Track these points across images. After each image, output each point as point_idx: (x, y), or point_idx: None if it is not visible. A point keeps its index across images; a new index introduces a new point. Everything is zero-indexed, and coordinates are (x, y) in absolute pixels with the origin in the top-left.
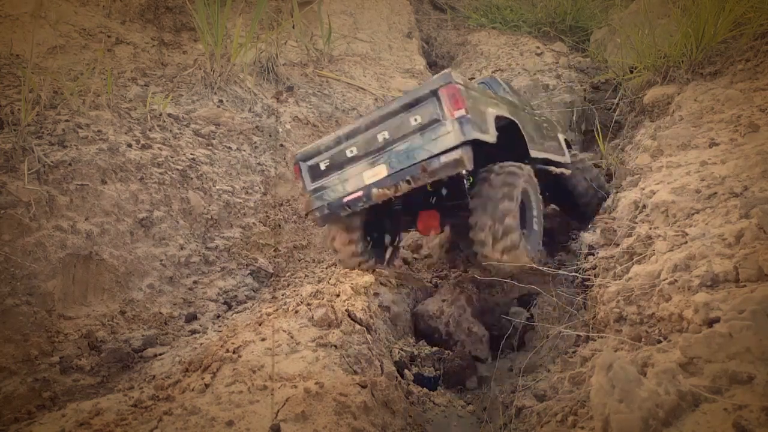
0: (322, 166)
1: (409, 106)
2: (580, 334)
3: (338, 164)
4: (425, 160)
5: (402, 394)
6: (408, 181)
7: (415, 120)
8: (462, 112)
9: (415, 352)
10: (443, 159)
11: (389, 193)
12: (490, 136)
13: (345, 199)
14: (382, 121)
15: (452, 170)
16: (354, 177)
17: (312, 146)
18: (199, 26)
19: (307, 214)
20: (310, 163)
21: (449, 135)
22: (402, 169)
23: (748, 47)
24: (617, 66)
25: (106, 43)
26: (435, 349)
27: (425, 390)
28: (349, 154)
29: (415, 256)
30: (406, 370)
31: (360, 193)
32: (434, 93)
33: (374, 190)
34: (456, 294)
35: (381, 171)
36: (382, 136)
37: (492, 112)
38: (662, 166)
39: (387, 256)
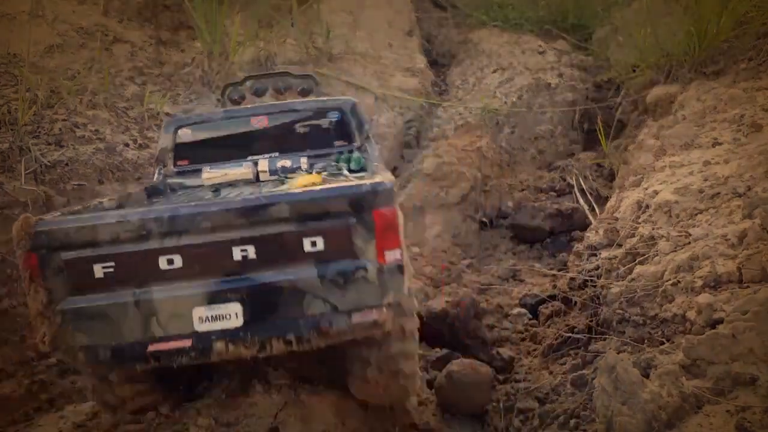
0: (98, 271)
1: (306, 217)
2: (583, 336)
3: (134, 276)
4: (322, 314)
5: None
6: (288, 342)
7: (312, 244)
8: (398, 254)
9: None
10: (356, 318)
11: (247, 353)
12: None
13: (152, 347)
14: (247, 225)
15: (367, 334)
16: (172, 311)
17: (77, 221)
18: (197, 25)
19: (53, 353)
20: (66, 255)
21: (371, 287)
22: (276, 322)
23: (751, 46)
24: (620, 65)
25: (104, 42)
26: (445, 351)
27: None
28: (163, 265)
29: None
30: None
31: (186, 343)
32: (359, 208)
33: (218, 344)
34: (460, 296)
35: (231, 314)
36: (241, 251)
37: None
38: (665, 165)
39: None
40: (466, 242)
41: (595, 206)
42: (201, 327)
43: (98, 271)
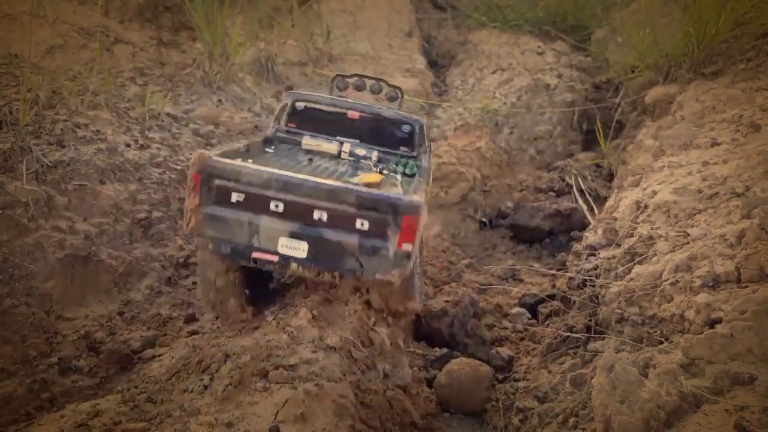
0: (234, 197)
1: (362, 206)
2: (582, 335)
3: (253, 207)
4: (354, 268)
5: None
6: (333, 276)
7: (361, 224)
8: (410, 246)
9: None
10: (375, 277)
11: (310, 275)
12: None
13: (254, 255)
14: (326, 199)
15: (381, 284)
16: (268, 234)
17: (231, 165)
18: (197, 25)
19: (192, 234)
20: (219, 182)
21: (387, 261)
22: (327, 261)
23: (749, 47)
24: (618, 65)
25: (105, 43)
26: (445, 350)
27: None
28: (272, 206)
29: None
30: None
31: (275, 258)
32: (395, 211)
33: (294, 265)
34: (459, 295)
35: (301, 248)
36: (319, 214)
37: None
38: (664, 166)
39: None
40: (465, 242)
41: (594, 206)
42: (282, 250)
43: (234, 197)
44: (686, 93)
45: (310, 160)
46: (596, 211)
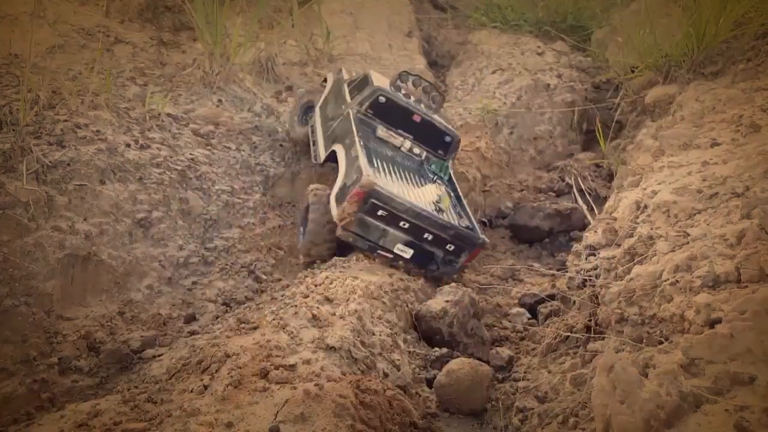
0: (379, 211)
1: (455, 236)
2: (582, 335)
3: (389, 221)
4: (438, 269)
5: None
6: (425, 270)
7: (449, 246)
8: (468, 264)
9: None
10: (444, 275)
11: (410, 269)
12: None
13: (379, 250)
14: (434, 227)
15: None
16: (391, 238)
17: (388, 194)
18: (198, 26)
19: (343, 228)
20: (371, 200)
21: (453, 270)
22: (420, 263)
23: (749, 47)
24: (618, 65)
25: (105, 43)
26: (444, 350)
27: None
28: (401, 223)
29: None
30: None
31: (390, 255)
32: (472, 243)
33: (400, 262)
34: (459, 295)
35: (408, 252)
36: (428, 235)
37: None
38: (664, 166)
39: None
40: None
41: (593, 206)
42: (396, 251)
43: (380, 212)
44: (686, 93)
45: (383, 144)
46: (596, 211)
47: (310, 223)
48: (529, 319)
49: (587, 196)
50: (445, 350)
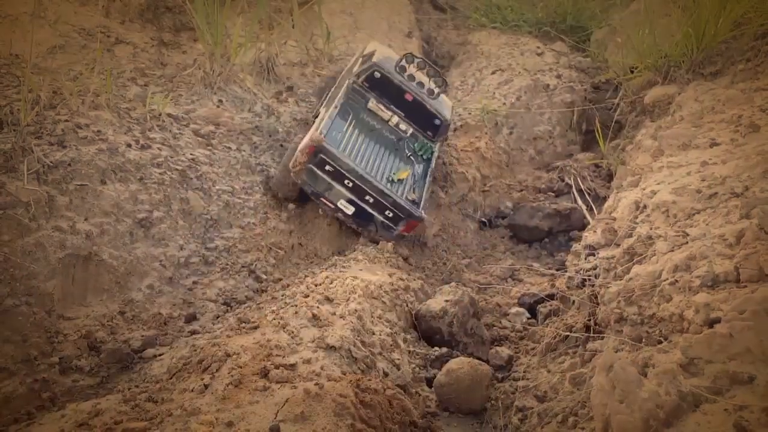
0: (328, 166)
1: (394, 205)
2: (581, 335)
3: (335, 177)
4: (372, 232)
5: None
6: (366, 230)
7: (388, 213)
8: (406, 234)
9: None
10: (380, 237)
11: (350, 223)
12: None
13: (323, 200)
14: (375, 192)
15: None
16: (336, 192)
17: (335, 153)
18: (198, 26)
19: (297, 169)
20: (321, 155)
21: (391, 235)
22: (359, 221)
23: (748, 47)
24: (618, 66)
25: (106, 43)
26: (444, 350)
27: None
28: (346, 182)
29: None
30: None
31: (331, 206)
32: (409, 216)
33: (339, 214)
34: (459, 294)
35: (349, 209)
36: (369, 197)
37: None
38: (663, 166)
39: None
40: (465, 242)
41: (593, 206)
42: (339, 205)
43: (328, 167)
44: (685, 93)
45: (373, 116)
46: (595, 211)
47: (280, 165)
48: (528, 318)
49: (586, 196)
50: (444, 350)
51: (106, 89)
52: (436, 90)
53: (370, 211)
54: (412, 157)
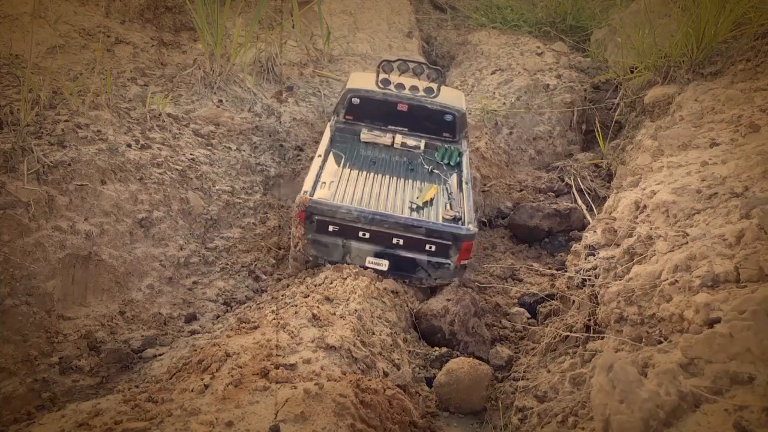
0: (330, 227)
1: (430, 234)
2: (581, 335)
3: (347, 234)
4: (423, 277)
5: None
6: (405, 282)
7: (429, 247)
8: (466, 262)
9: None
10: (438, 281)
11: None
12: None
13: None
14: (399, 229)
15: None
16: (357, 254)
17: (329, 205)
18: (198, 26)
19: (299, 248)
20: (318, 217)
21: (448, 272)
22: (402, 273)
23: (748, 47)
24: (618, 66)
25: (106, 43)
26: (444, 350)
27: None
28: (360, 234)
29: None
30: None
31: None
32: (456, 239)
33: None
34: (461, 294)
35: (383, 265)
36: (396, 238)
37: None
38: (663, 166)
39: None
40: None
41: (593, 206)
42: (369, 265)
43: (330, 227)
44: (685, 93)
45: (374, 162)
46: (595, 211)
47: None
48: (528, 318)
49: (586, 196)
50: (444, 349)
51: (106, 89)
52: (434, 86)
53: (407, 254)
54: (436, 171)
